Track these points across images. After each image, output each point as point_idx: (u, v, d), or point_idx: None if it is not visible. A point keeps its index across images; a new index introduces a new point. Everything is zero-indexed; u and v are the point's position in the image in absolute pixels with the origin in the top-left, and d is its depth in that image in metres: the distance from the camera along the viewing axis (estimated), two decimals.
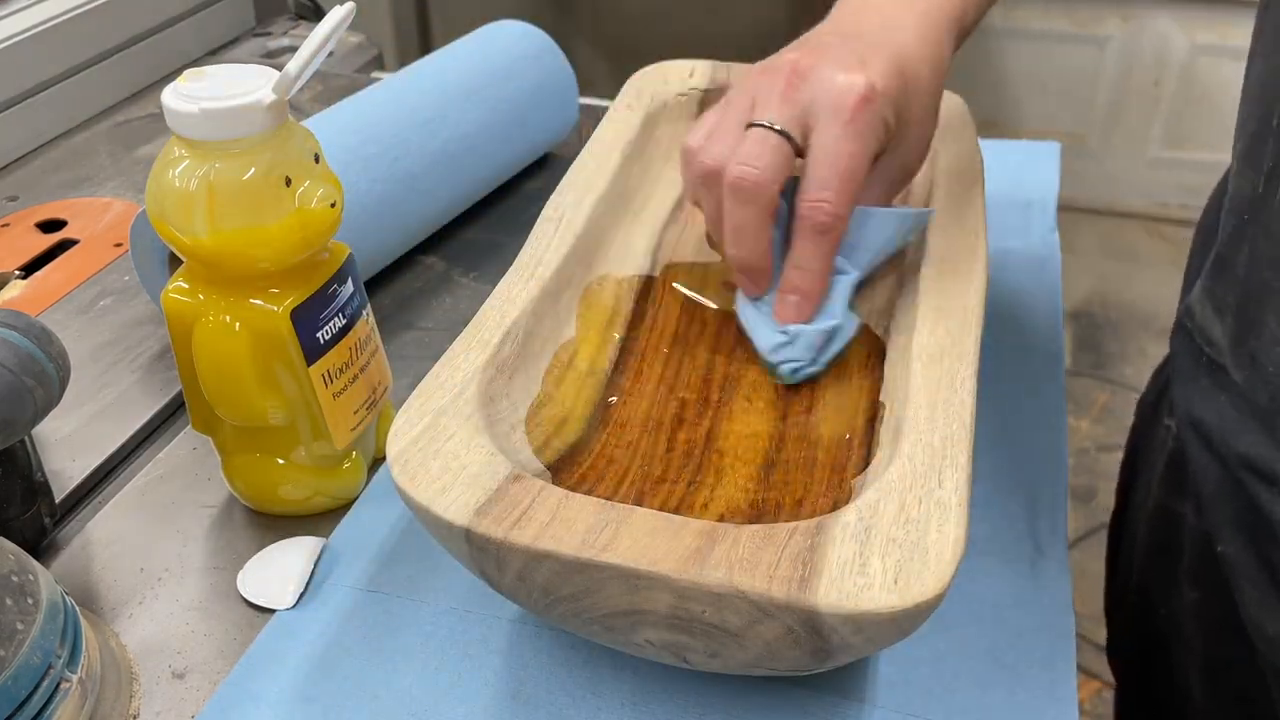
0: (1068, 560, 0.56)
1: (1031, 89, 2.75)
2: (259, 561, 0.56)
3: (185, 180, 0.49)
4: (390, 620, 0.53)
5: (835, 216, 0.54)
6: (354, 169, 0.71)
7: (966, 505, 0.42)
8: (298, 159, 0.51)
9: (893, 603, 0.39)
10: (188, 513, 0.60)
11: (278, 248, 0.51)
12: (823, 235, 0.54)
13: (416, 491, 0.44)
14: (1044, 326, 0.72)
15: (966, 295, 0.54)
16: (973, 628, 0.53)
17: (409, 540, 0.57)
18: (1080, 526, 1.91)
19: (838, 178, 0.53)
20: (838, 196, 0.53)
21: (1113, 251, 2.76)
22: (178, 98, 0.49)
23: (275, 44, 1.14)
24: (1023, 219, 0.82)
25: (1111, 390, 2.29)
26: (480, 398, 0.49)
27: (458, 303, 0.75)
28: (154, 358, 0.70)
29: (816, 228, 0.54)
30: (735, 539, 0.41)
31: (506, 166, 0.85)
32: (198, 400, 0.56)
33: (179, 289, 0.53)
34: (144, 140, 0.95)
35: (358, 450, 0.59)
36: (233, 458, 0.58)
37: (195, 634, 0.53)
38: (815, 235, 0.54)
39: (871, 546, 0.41)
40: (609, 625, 0.44)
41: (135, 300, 0.74)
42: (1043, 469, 0.61)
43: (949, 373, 0.49)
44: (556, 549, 0.41)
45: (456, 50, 0.85)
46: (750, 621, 0.40)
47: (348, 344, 0.56)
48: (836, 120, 0.53)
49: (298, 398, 0.54)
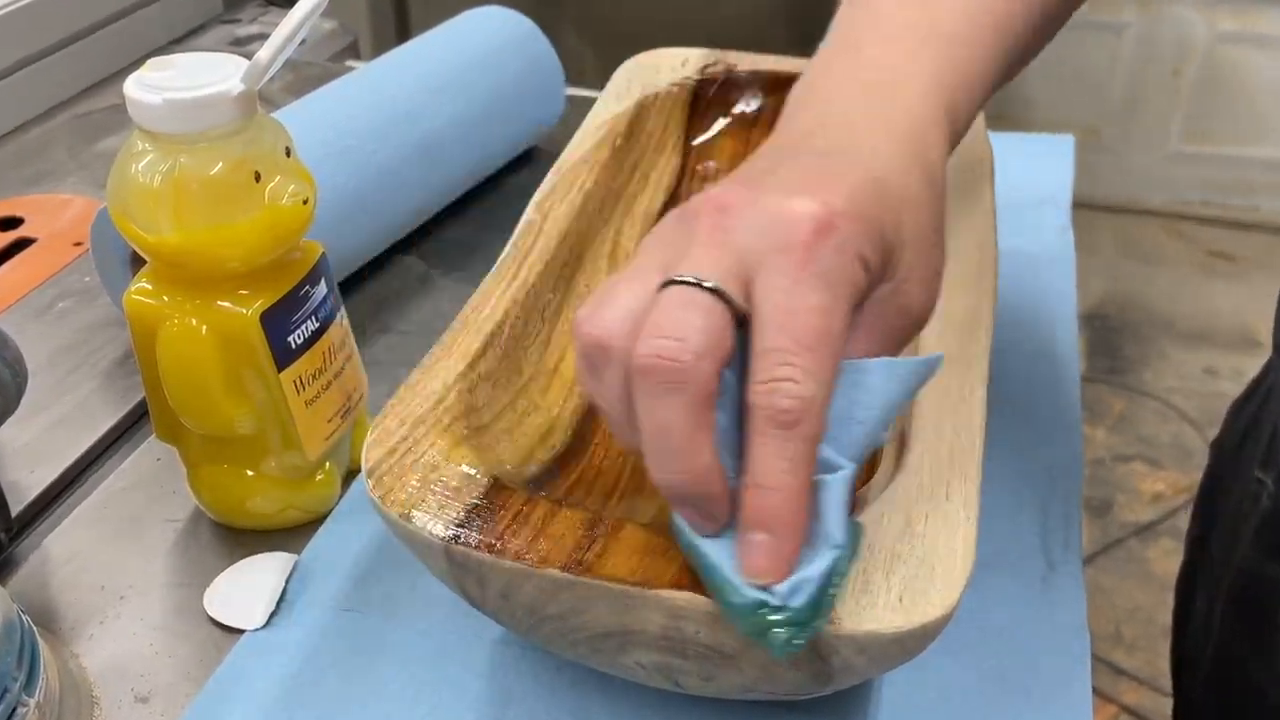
0: (1082, 577, 0.56)
1: (1044, 79, 2.75)
2: (227, 579, 0.56)
3: (149, 176, 0.49)
4: (366, 641, 0.53)
5: (804, 400, 0.37)
6: (327, 163, 0.71)
7: (976, 519, 0.42)
8: (268, 153, 0.51)
9: (897, 622, 0.39)
10: (152, 527, 0.59)
11: (247, 247, 0.51)
12: (789, 431, 0.37)
13: (393, 505, 0.44)
14: (1057, 330, 0.72)
15: (975, 298, 0.54)
16: (982, 649, 0.53)
17: (385, 556, 0.57)
18: (1095, 541, 1.92)
19: (800, 345, 0.38)
20: (805, 373, 0.37)
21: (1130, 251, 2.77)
22: (141, 88, 0.49)
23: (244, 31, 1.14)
24: (1035, 217, 0.82)
25: (1128, 397, 2.30)
26: (460, 406, 0.49)
27: (437, 305, 0.75)
28: (116, 363, 0.70)
29: (779, 422, 0.37)
30: None
31: (488, 161, 0.85)
32: (162, 408, 0.56)
33: (142, 290, 0.53)
34: (105, 133, 0.95)
35: (331, 461, 0.59)
36: (199, 469, 0.58)
37: (159, 655, 0.53)
38: (779, 433, 0.38)
39: (875, 563, 0.41)
40: (597, 646, 0.44)
41: (96, 302, 0.74)
42: (1056, 481, 0.61)
43: (957, 380, 0.49)
44: (542, 565, 0.41)
45: (436, 38, 0.85)
46: (747, 643, 0.40)
47: (321, 349, 0.56)
48: (787, 263, 0.39)
49: (268, 406, 0.54)
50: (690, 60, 0.75)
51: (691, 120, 0.74)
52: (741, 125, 0.75)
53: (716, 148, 0.74)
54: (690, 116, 0.74)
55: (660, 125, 0.72)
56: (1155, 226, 2.84)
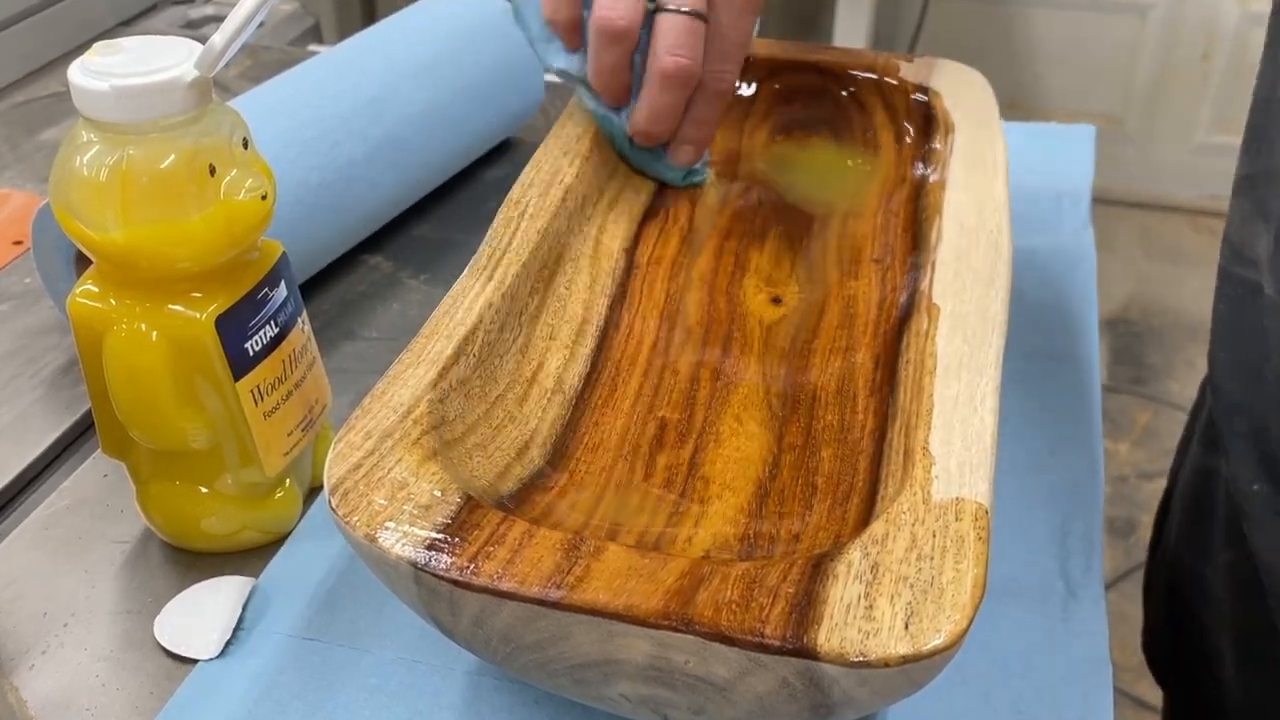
0: (1104, 603, 0.56)
1: (1062, 64, 2.76)
2: (179, 605, 0.56)
3: (94, 169, 0.49)
4: (328, 672, 0.53)
5: (733, 85, 0.68)
6: (288, 156, 0.71)
7: (987, 540, 0.43)
8: (224, 144, 0.51)
9: (903, 651, 0.39)
10: (97, 549, 0.59)
11: (200, 246, 0.51)
12: (720, 98, 0.68)
13: (358, 525, 0.44)
14: (1076, 336, 0.72)
15: (987, 300, 0.54)
16: (995, 680, 0.53)
17: (350, 581, 0.57)
18: (1118, 565, 1.92)
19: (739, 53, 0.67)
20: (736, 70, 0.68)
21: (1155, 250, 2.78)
22: (86, 74, 0.49)
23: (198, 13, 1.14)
24: (1052, 213, 0.83)
25: (1154, 409, 2.31)
26: (431, 418, 0.49)
27: (406, 309, 0.76)
28: (59, 371, 0.70)
29: (718, 94, 0.67)
30: (723, 578, 0.42)
31: (462, 153, 0.85)
32: (109, 420, 0.56)
33: (87, 293, 0.53)
34: (47, 123, 0.95)
35: (291, 478, 0.59)
36: (149, 486, 0.58)
37: (106, 687, 0.53)
38: (714, 98, 0.67)
39: (879, 587, 0.41)
40: (579, 678, 0.44)
41: (37, 306, 0.74)
42: (1075, 499, 0.61)
43: (967, 388, 0.49)
44: (519, 590, 0.41)
45: (404, 20, 0.85)
46: (740, 673, 0.40)
47: (280, 356, 0.56)
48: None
49: (223, 417, 0.54)
50: None
51: None
52: (736, 112, 0.75)
53: None
54: None
55: None
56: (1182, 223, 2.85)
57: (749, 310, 0.64)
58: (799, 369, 0.60)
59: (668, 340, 0.62)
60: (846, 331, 0.62)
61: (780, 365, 0.60)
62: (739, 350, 0.61)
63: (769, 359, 0.61)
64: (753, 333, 0.62)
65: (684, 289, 0.64)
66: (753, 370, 0.60)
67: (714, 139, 0.71)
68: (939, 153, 0.69)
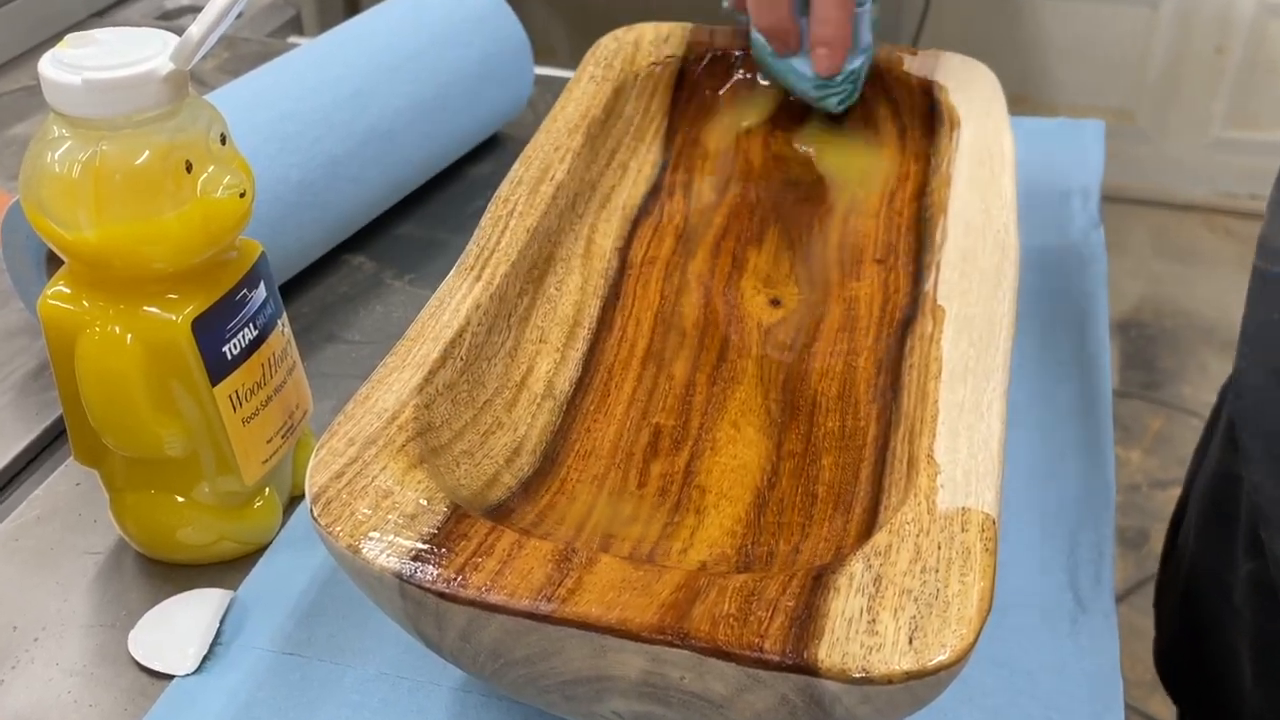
0: (1115, 617, 0.56)
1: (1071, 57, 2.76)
2: (154, 618, 0.56)
3: (66, 165, 0.49)
4: (309, 688, 0.53)
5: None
6: (267, 152, 0.71)
7: (994, 551, 0.43)
8: (200, 140, 0.51)
9: (907, 666, 0.39)
10: (69, 560, 0.59)
11: (176, 245, 0.51)
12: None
13: (340, 536, 0.44)
14: (1086, 339, 0.72)
15: (994, 302, 0.55)
16: (1002, 697, 0.53)
17: (332, 593, 0.57)
18: (1130, 577, 1.92)
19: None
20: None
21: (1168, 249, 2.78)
22: (57, 67, 0.49)
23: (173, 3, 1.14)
24: (1061, 211, 0.83)
25: (1167, 415, 2.31)
26: (416, 424, 0.49)
27: (390, 310, 0.76)
28: (29, 376, 0.70)
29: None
30: (720, 591, 0.42)
31: (448, 149, 0.85)
32: (82, 427, 0.56)
33: (59, 294, 0.53)
34: (17, 118, 0.95)
35: (271, 487, 0.59)
36: (123, 495, 0.58)
37: (79, 704, 0.53)
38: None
39: (882, 600, 0.41)
40: (570, 694, 0.44)
41: (7, 308, 0.74)
42: (1085, 508, 0.61)
43: (973, 394, 0.49)
44: (508, 602, 0.41)
45: (388, 11, 0.85)
46: (738, 689, 0.40)
47: (259, 360, 0.56)
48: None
49: (200, 424, 0.54)
50: (673, 37, 0.75)
51: (675, 103, 0.75)
52: (734, 106, 0.75)
53: (704, 133, 0.75)
54: (673, 99, 0.75)
55: (640, 109, 0.72)
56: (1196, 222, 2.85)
57: (747, 312, 0.64)
58: (799, 374, 0.60)
59: (662, 343, 0.62)
60: (848, 334, 0.62)
61: (779, 370, 0.60)
62: (736, 354, 0.61)
63: (767, 363, 0.61)
64: (750, 335, 0.62)
65: (679, 290, 0.64)
66: (750, 374, 0.60)
67: (848, 41, 0.72)
68: (944, 149, 0.69)
